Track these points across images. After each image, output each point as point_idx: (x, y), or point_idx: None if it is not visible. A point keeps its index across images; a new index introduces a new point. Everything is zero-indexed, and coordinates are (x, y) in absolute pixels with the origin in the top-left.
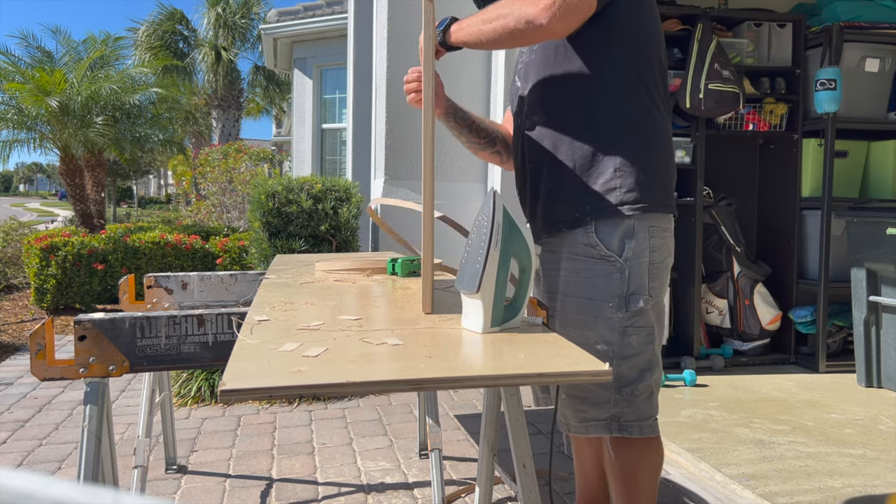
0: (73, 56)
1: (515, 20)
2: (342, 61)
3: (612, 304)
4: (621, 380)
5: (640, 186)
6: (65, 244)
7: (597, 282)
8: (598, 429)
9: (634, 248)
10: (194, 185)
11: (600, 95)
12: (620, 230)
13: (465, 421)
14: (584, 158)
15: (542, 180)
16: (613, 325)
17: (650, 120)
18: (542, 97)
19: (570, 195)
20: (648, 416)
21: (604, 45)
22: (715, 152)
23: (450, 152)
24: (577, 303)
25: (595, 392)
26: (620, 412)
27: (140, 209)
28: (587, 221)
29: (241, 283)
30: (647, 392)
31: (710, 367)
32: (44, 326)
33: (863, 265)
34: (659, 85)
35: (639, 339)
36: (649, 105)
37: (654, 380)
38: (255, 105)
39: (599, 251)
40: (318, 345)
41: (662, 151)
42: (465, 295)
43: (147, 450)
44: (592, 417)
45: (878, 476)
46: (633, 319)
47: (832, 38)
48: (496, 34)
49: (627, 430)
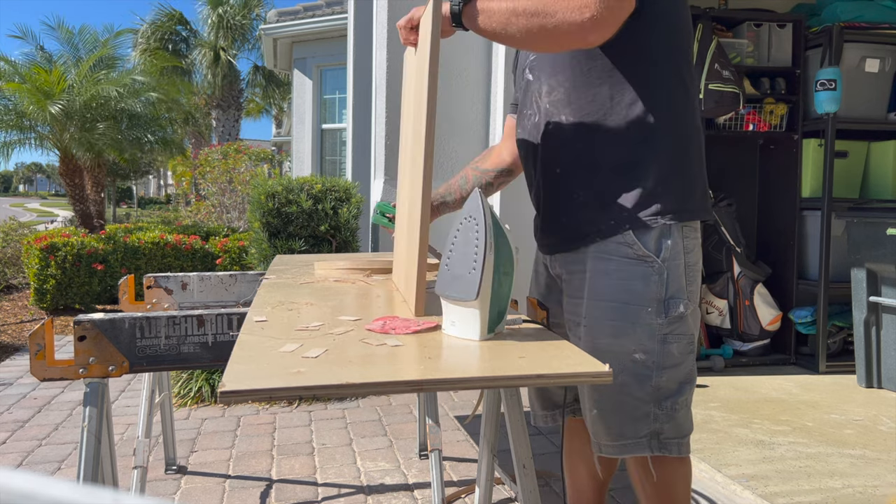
0: (73, 55)
1: (557, 23)
2: (342, 61)
3: (652, 309)
4: (661, 392)
5: (681, 195)
6: (64, 244)
7: (633, 284)
8: (636, 447)
9: (672, 248)
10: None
11: (642, 97)
12: (657, 230)
13: (465, 421)
14: (623, 164)
15: (573, 186)
16: (653, 332)
17: (691, 121)
18: (571, 97)
19: (607, 202)
20: (687, 432)
21: (645, 46)
22: (715, 152)
23: (450, 153)
24: (611, 307)
25: (632, 405)
26: (660, 428)
27: (140, 209)
28: (625, 228)
29: (240, 284)
30: (685, 406)
31: (711, 367)
32: (43, 327)
33: (863, 265)
34: (694, 80)
35: (679, 348)
36: (689, 106)
37: (691, 393)
38: (254, 105)
39: (637, 251)
40: (317, 346)
41: (700, 153)
42: (457, 303)
43: (147, 450)
44: (631, 434)
45: (879, 476)
46: (673, 326)
47: (832, 39)
48: (528, 32)
49: (667, 448)
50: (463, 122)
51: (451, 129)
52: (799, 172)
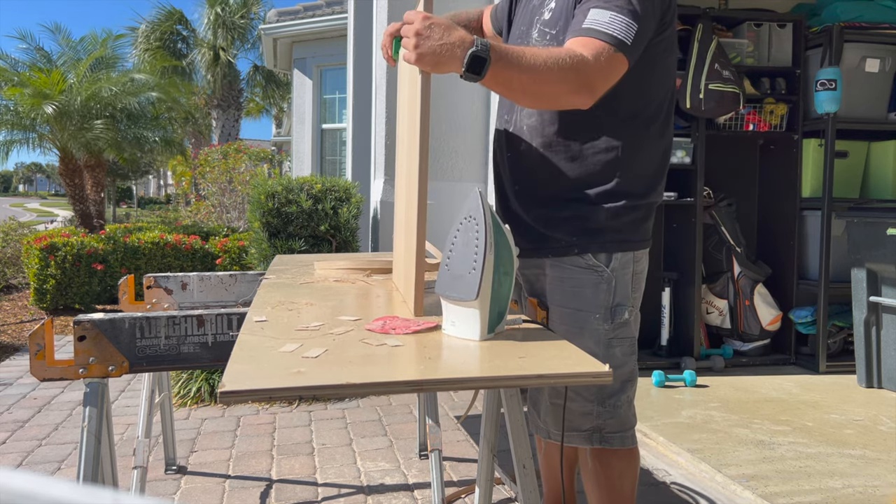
0: (72, 56)
1: (556, 104)
2: (342, 61)
3: (599, 316)
4: (604, 391)
5: (640, 227)
6: (64, 244)
7: (584, 292)
8: (579, 439)
9: (621, 258)
10: (194, 186)
11: (628, 132)
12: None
13: (465, 421)
14: (581, 195)
15: (531, 201)
16: (599, 337)
17: (666, 155)
18: (560, 113)
19: (559, 226)
20: (630, 426)
21: (638, 88)
22: (715, 152)
23: (450, 153)
24: (563, 313)
25: (577, 403)
26: (603, 424)
27: (139, 209)
28: (573, 253)
29: (240, 284)
30: (627, 402)
31: (711, 367)
32: (43, 327)
33: (863, 265)
34: (671, 113)
35: (623, 350)
36: (668, 139)
37: (633, 390)
38: (254, 105)
39: (588, 261)
40: (317, 346)
41: (659, 183)
42: (457, 303)
43: (147, 450)
44: (574, 428)
45: (879, 477)
46: (618, 331)
47: (832, 39)
48: (539, 95)
49: (609, 441)
50: (463, 122)
51: (450, 128)
52: (799, 172)
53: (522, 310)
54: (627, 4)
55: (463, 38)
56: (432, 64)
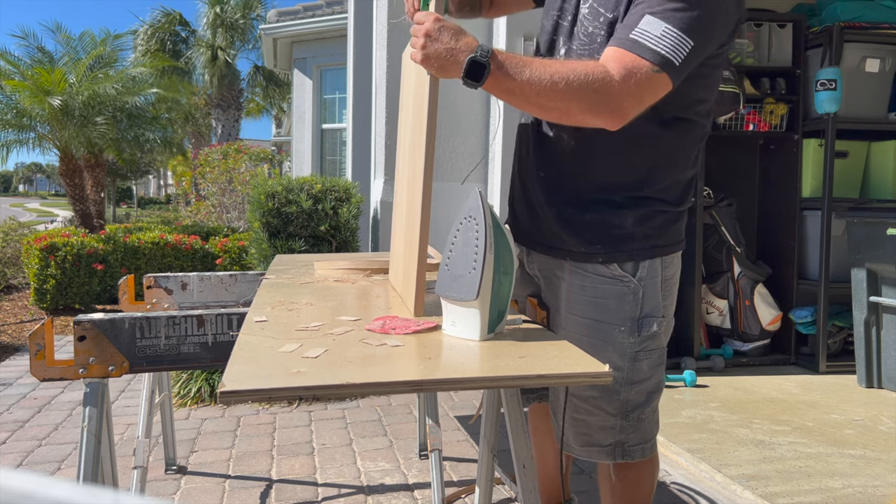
0: (73, 55)
1: (584, 111)
2: (342, 61)
3: (625, 329)
4: (629, 405)
5: (670, 229)
6: (64, 244)
7: (607, 303)
8: (600, 455)
9: (649, 267)
10: (194, 186)
11: (662, 142)
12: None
13: (465, 422)
14: (609, 198)
15: (558, 200)
16: (624, 351)
17: (697, 162)
18: None
19: (584, 230)
20: (651, 437)
21: (687, 96)
22: (715, 152)
23: (450, 153)
24: (583, 323)
25: (599, 416)
26: (625, 438)
27: (140, 209)
28: (598, 261)
29: (240, 284)
30: (652, 413)
31: (711, 367)
32: (43, 327)
33: (863, 265)
34: (709, 115)
35: (650, 363)
36: (698, 142)
37: (658, 400)
38: (254, 105)
39: (613, 271)
40: (317, 346)
41: (689, 189)
42: (457, 303)
43: (147, 450)
44: (595, 443)
45: (879, 477)
46: (645, 343)
47: (832, 39)
48: (545, 108)
49: (630, 455)
50: (463, 122)
51: (451, 128)
52: (799, 172)
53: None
54: (689, 19)
55: (469, 43)
56: (437, 67)
